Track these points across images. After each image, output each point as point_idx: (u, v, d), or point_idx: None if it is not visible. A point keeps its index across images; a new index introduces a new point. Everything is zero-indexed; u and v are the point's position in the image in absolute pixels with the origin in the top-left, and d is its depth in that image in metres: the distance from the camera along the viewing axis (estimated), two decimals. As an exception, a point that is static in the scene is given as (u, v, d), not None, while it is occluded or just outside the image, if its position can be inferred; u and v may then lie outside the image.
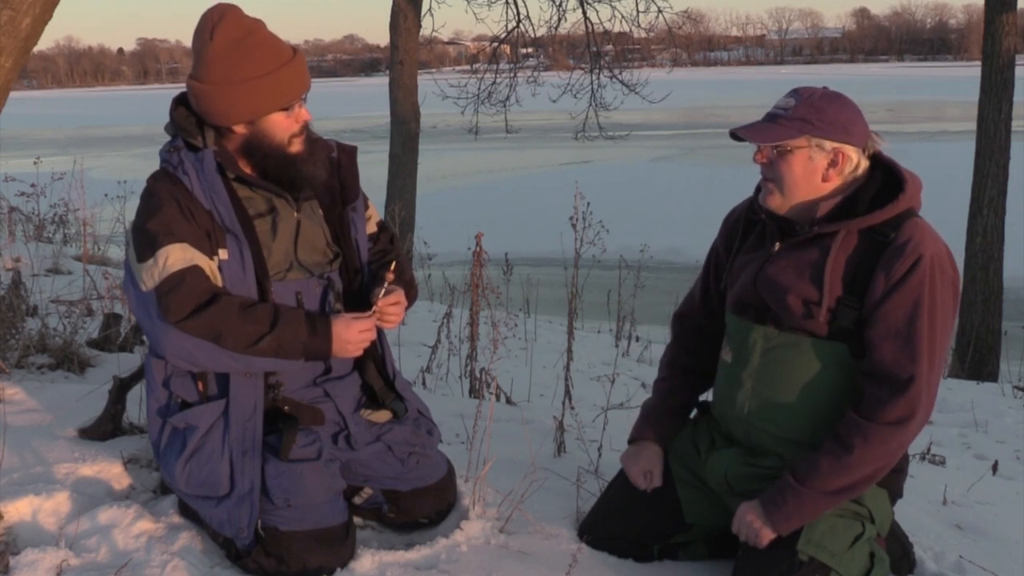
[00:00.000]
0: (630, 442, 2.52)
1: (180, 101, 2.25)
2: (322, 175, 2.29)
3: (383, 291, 2.27)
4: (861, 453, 2.06)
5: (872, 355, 2.08)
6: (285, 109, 2.20)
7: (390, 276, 2.28)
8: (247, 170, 2.24)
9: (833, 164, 2.14)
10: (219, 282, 2.16)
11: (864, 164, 2.17)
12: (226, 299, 2.11)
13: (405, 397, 2.47)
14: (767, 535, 2.13)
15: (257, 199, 2.25)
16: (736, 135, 2.19)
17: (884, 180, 2.17)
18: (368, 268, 2.41)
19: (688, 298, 2.57)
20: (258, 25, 2.18)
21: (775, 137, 2.14)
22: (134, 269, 2.14)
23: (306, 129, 2.26)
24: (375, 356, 2.42)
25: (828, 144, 2.12)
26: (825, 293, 2.12)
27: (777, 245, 2.23)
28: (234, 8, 2.18)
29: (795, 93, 2.17)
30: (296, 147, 2.23)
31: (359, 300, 2.34)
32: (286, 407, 2.25)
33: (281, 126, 2.20)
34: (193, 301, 2.08)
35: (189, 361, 2.14)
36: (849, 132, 2.13)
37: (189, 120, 2.22)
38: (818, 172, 2.14)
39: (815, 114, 2.11)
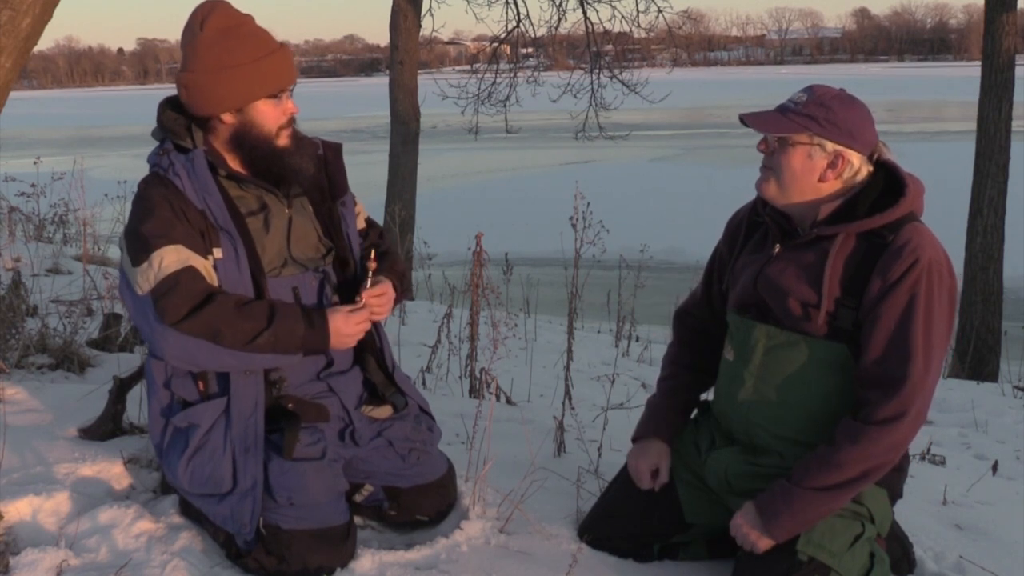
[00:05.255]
0: (635, 440, 2.51)
1: (167, 105, 2.27)
2: (309, 169, 2.30)
3: (368, 283, 2.29)
4: (848, 451, 2.05)
5: (865, 356, 2.09)
6: (273, 97, 2.22)
7: (372, 265, 2.29)
8: (236, 166, 2.25)
9: (832, 166, 2.14)
10: (215, 281, 2.17)
11: (866, 170, 2.17)
12: (221, 298, 2.12)
13: (405, 392, 2.48)
14: (764, 544, 2.12)
15: (248, 197, 2.26)
16: (744, 121, 2.20)
17: (886, 183, 2.17)
18: (360, 262, 2.42)
19: (691, 296, 2.58)
20: (247, 18, 2.22)
21: (778, 128, 2.15)
22: (129, 274, 2.15)
23: (293, 123, 2.28)
24: (374, 350, 2.42)
25: (829, 145, 2.12)
26: (824, 296, 2.12)
27: (777, 247, 2.24)
28: (224, 2, 2.22)
29: (809, 89, 2.17)
30: (283, 140, 2.24)
31: (350, 293, 2.35)
32: (290, 404, 2.26)
33: (269, 116, 2.22)
34: (189, 302, 2.09)
35: (189, 362, 2.14)
36: (854, 137, 2.12)
37: (178, 122, 2.23)
38: (816, 171, 2.14)
39: (823, 112, 2.11)
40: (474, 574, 2.21)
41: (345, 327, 2.21)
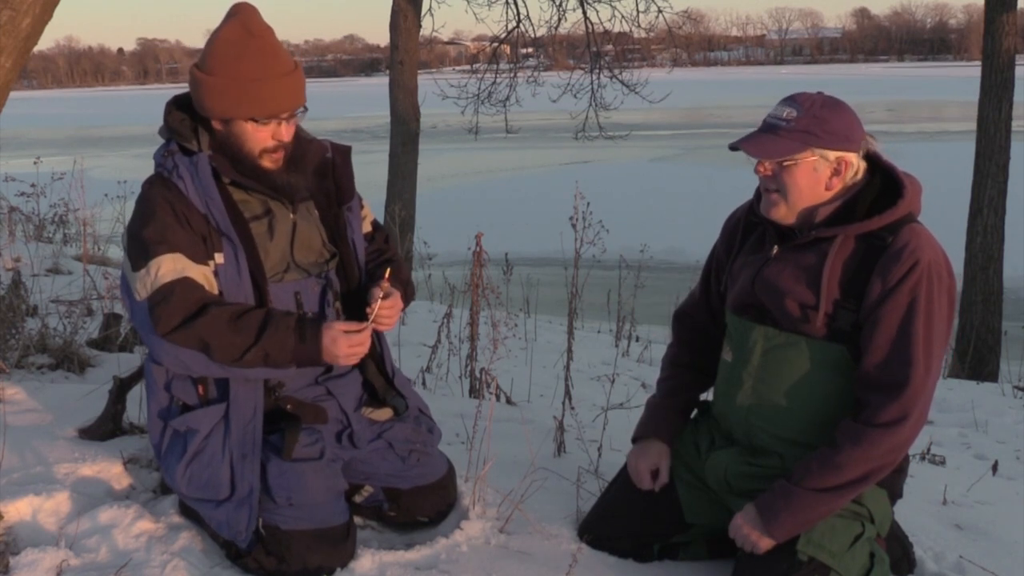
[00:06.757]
0: (635, 440, 2.51)
1: (175, 104, 2.26)
2: (301, 184, 2.27)
3: (380, 295, 2.26)
4: (850, 453, 2.06)
5: (867, 358, 2.09)
6: (256, 121, 2.17)
7: (385, 285, 2.27)
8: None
9: (836, 172, 2.14)
10: (214, 289, 2.16)
11: (863, 166, 2.17)
12: (215, 310, 2.10)
13: (405, 395, 2.47)
14: (765, 543, 2.13)
15: (253, 202, 2.25)
16: (738, 148, 2.17)
17: (883, 185, 2.17)
18: (365, 268, 2.42)
19: (689, 298, 2.58)
20: (264, 32, 2.17)
21: (780, 152, 2.12)
22: (129, 277, 2.15)
23: (283, 147, 2.22)
24: (374, 354, 2.42)
25: (832, 154, 2.12)
26: (822, 298, 2.12)
27: (775, 249, 2.23)
28: (252, 10, 2.19)
29: (793, 102, 2.14)
30: (267, 163, 2.21)
31: (357, 301, 2.34)
32: (288, 406, 2.26)
33: (252, 137, 2.19)
34: (181, 313, 2.08)
35: (184, 369, 2.16)
36: (850, 139, 2.13)
37: (184, 123, 2.22)
38: (822, 182, 2.14)
39: (818, 125, 2.10)
40: (474, 574, 2.21)
41: (335, 348, 2.16)
